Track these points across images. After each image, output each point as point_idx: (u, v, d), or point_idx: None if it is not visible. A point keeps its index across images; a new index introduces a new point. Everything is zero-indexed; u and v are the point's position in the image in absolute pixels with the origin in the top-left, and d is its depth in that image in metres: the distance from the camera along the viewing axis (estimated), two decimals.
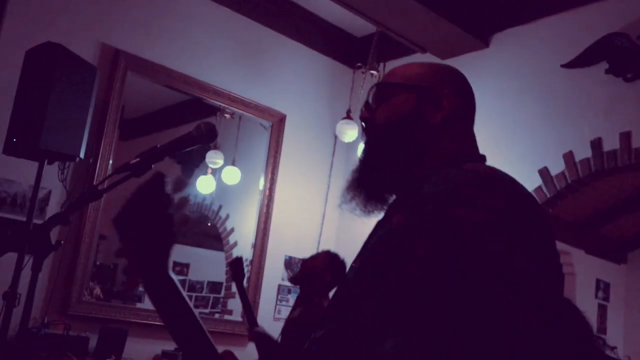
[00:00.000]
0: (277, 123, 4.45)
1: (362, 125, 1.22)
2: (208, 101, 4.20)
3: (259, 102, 4.35)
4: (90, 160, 3.56)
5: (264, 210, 4.35)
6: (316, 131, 4.67)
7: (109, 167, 3.70)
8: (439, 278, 0.86)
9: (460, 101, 1.16)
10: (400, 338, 0.84)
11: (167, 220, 0.99)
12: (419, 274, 0.87)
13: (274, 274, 4.41)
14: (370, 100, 1.21)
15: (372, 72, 4.35)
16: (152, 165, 1.09)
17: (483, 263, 0.86)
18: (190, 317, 1.02)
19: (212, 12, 4.18)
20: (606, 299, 6.88)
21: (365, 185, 1.14)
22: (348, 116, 4.31)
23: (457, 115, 1.15)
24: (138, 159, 1.09)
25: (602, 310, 6.78)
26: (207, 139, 1.09)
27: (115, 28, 3.77)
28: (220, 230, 4.53)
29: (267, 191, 4.37)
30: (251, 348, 4.20)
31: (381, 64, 4.40)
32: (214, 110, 4.34)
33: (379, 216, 1.13)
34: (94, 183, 3.53)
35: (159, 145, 1.08)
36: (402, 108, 1.15)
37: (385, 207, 1.14)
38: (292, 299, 4.49)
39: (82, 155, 2.92)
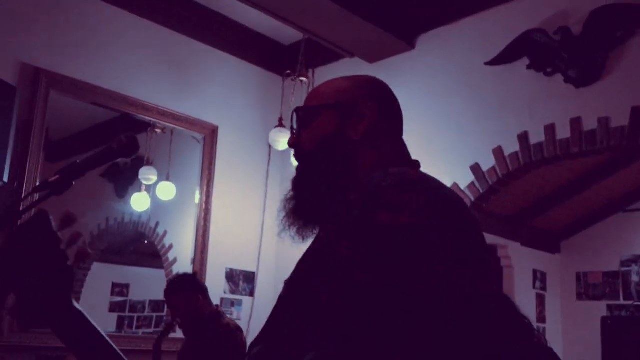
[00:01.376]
0: (210, 135, 4.40)
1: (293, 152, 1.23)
2: (137, 117, 4.12)
3: (189, 115, 4.30)
4: (15, 184, 3.43)
5: (202, 224, 4.28)
6: (250, 141, 4.64)
7: None
8: (366, 285, 0.85)
9: (382, 111, 1.17)
10: (320, 350, 0.85)
11: (57, 257, 0.98)
12: (345, 284, 0.87)
13: (216, 288, 4.35)
14: (294, 125, 1.21)
15: (301, 79, 4.36)
16: (74, 182, 1.05)
17: (412, 268, 0.85)
18: (107, 348, 1.01)
19: (135, 26, 4.11)
20: (543, 288, 7.07)
21: (301, 215, 1.15)
22: (280, 124, 4.30)
23: (380, 125, 1.16)
24: (57, 176, 1.04)
25: (540, 299, 6.96)
26: (129, 152, 1.06)
27: (35, 46, 3.65)
28: (159, 247, 4.45)
29: (204, 204, 4.31)
30: None
31: (310, 71, 4.41)
32: (145, 126, 4.26)
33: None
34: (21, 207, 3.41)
35: (78, 161, 1.04)
36: (324, 129, 1.16)
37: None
38: (235, 312, 4.44)
39: (5, 179, 2.81)
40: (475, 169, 3.92)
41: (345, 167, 1.12)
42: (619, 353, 3.08)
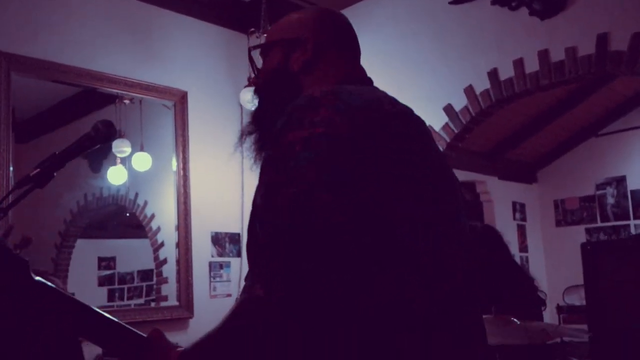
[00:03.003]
0: (180, 101, 4.35)
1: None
2: (103, 90, 4.05)
3: (157, 83, 4.23)
4: None
5: (182, 191, 4.27)
6: (220, 103, 4.60)
7: (10, 173, 3.52)
8: (284, 204, 0.92)
9: (325, 38, 1.24)
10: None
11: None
12: (266, 202, 0.96)
13: (203, 252, 4.37)
14: (255, 65, 1.33)
15: (266, 35, 4.29)
16: (55, 174, 1.04)
17: (314, 178, 0.93)
18: (91, 311, 1.02)
19: None
20: (523, 219, 7.23)
21: (260, 145, 1.26)
22: (250, 83, 4.25)
23: (323, 53, 1.23)
24: (38, 170, 1.04)
25: (521, 230, 7.12)
26: (107, 138, 1.05)
27: None
28: (141, 218, 4.43)
29: (182, 171, 4.30)
30: (192, 331, 4.19)
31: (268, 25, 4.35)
32: (112, 98, 4.19)
33: None
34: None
35: (57, 153, 1.04)
36: (271, 64, 1.26)
37: None
38: (225, 274, 4.48)
39: None
40: (448, 109, 3.94)
41: (288, 95, 1.17)
42: (599, 276, 3.19)
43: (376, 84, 1.31)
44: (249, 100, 4.26)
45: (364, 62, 4.51)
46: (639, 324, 3.10)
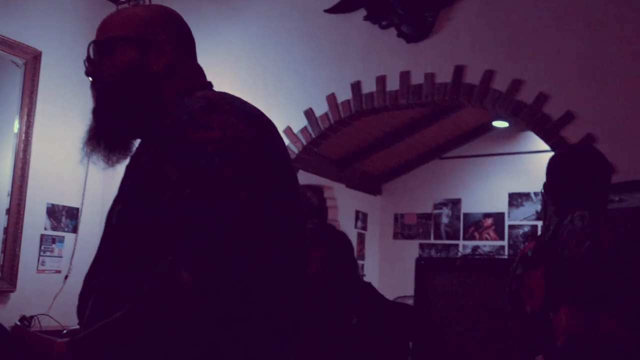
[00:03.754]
0: (32, 60, 4.06)
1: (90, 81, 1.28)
2: None
3: (8, 37, 3.93)
4: None
5: (21, 156, 3.99)
6: (77, 70, 4.31)
7: None
8: (197, 199, 0.98)
9: (180, 42, 1.27)
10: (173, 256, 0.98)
11: None
12: (176, 198, 0.99)
13: (36, 223, 4.12)
14: (92, 55, 1.26)
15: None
16: None
17: (231, 176, 1.00)
18: None
19: None
20: (364, 228, 7.51)
21: (103, 139, 1.23)
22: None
23: (180, 56, 1.26)
24: None
25: (361, 238, 7.40)
26: None
27: None
28: None
29: (24, 135, 4.01)
30: (13, 305, 3.93)
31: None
32: None
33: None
34: None
35: None
36: (125, 61, 1.23)
37: (130, 154, 1.24)
38: (57, 249, 4.25)
39: None
40: (309, 113, 4.01)
41: (150, 96, 1.21)
42: (430, 291, 3.39)
43: (241, 78, 1.37)
44: None
45: (232, 54, 4.51)
46: (465, 342, 3.33)
